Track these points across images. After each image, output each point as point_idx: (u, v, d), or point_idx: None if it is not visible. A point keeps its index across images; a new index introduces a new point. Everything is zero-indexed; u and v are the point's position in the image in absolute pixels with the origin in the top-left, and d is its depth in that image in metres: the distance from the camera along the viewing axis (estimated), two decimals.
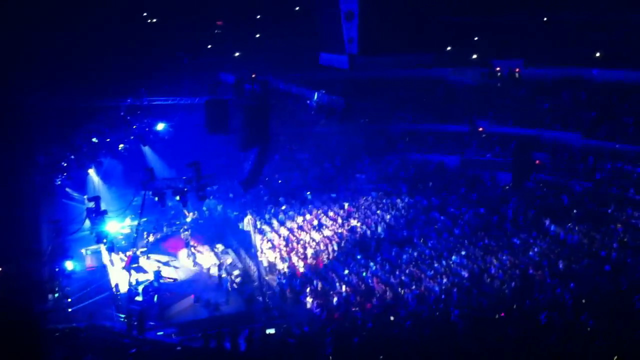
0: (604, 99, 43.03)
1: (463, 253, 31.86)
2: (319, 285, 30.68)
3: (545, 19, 51.51)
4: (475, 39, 54.10)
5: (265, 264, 34.22)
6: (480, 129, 46.16)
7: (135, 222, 34.90)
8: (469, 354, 20.54)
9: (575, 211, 35.14)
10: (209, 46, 54.85)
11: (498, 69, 50.18)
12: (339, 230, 36.43)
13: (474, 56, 52.58)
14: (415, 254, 32.60)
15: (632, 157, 37.31)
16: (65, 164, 37.81)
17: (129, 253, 33.86)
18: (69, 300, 29.99)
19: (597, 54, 46.03)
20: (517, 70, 49.11)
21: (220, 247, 36.94)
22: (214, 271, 33.49)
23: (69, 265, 31.49)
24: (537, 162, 42.19)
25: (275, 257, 34.16)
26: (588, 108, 43.12)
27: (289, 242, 35.71)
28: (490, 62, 50.78)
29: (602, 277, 27.25)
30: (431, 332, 23.42)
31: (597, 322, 21.69)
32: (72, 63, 37.96)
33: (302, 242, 35.41)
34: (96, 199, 30.65)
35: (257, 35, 56.71)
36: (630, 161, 37.16)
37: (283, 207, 40.49)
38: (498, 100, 48.07)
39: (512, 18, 52.48)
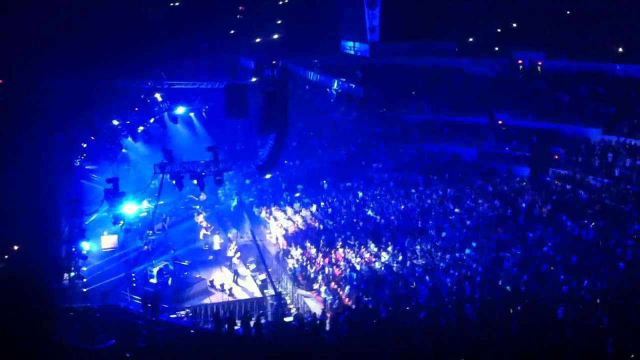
0: (624, 93, 42.57)
1: (474, 245, 31.80)
2: (332, 272, 30.82)
3: (568, 12, 50.96)
4: (498, 30, 53.71)
5: (276, 250, 34.51)
6: (500, 122, 45.89)
7: (153, 205, 35.20)
8: (483, 347, 20.59)
9: (592, 208, 34.92)
10: (232, 31, 54.88)
11: (520, 61, 49.79)
12: (353, 219, 36.51)
13: (496, 48, 52.21)
14: (429, 245, 32.61)
15: None
16: (85, 145, 38.19)
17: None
18: (84, 280, 30.33)
19: (620, 49, 45.45)
20: (540, 63, 48.66)
21: (234, 232, 37.14)
22: (230, 255, 33.73)
23: (86, 245, 31.83)
24: (556, 156, 41.92)
25: (289, 244, 34.37)
26: (608, 103, 42.71)
27: (303, 228, 35.92)
28: (512, 53, 50.41)
29: (617, 274, 27.12)
30: (445, 323, 23.48)
31: (611, 318, 21.65)
32: (94, 45, 38.18)
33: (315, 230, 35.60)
34: (114, 181, 30.90)
35: (279, 22, 56.63)
36: None
37: (297, 195, 40.63)
38: (517, 92, 47.70)
39: (534, 7, 51.99)
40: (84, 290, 29.80)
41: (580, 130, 42.15)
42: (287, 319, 26.26)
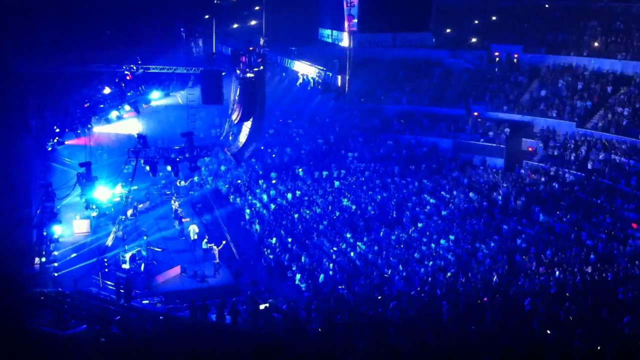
0: (600, 88, 42.95)
1: (451, 237, 31.92)
2: (307, 261, 30.75)
3: (546, 5, 51.29)
4: (475, 22, 53.84)
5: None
6: (475, 113, 46.08)
7: (126, 190, 34.79)
8: (452, 337, 20.67)
9: (565, 200, 35.22)
10: (206, 16, 54.32)
11: (497, 53, 50.00)
12: (329, 208, 36.44)
13: (473, 40, 52.33)
14: (404, 235, 32.67)
15: (625, 149, 37.33)
16: (57, 129, 37.65)
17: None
18: (56, 264, 29.93)
19: (596, 44, 45.84)
20: (516, 55, 48.94)
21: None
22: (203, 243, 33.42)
23: (57, 229, 31.40)
24: (530, 149, 42.25)
25: (263, 231, 34.21)
26: (584, 97, 43.05)
27: (278, 217, 35.77)
28: (489, 46, 50.58)
29: (588, 266, 27.39)
30: (416, 313, 23.54)
31: (580, 310, 21.85)
32: (69, 28, 37.63)
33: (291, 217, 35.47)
34: (87, 165, 30.52)
35: (257, 8, 56.16)
36: (622, 153, 37.18)
37: (273, 182, 40.40)
38: (494, 85, 47.93)
39: (513, 3, 52.27)
40: (55, 275, 29.40)
41: (555, 124, 42.50)
42: (262, 307, 26.13)
